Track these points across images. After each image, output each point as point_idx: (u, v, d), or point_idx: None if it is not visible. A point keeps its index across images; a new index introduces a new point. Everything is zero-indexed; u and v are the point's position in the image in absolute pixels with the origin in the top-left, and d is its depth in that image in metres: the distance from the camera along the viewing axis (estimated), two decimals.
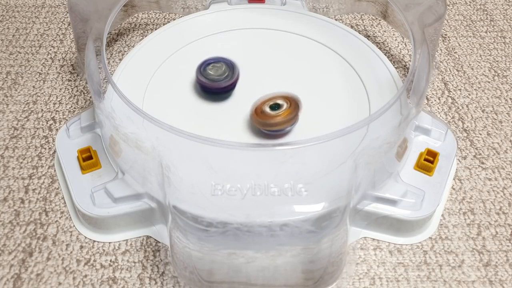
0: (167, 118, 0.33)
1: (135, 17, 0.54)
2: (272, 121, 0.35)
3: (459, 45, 0.51)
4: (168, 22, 0.53)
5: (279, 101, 0.36)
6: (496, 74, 0.48)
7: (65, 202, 0.37)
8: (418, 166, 0.37)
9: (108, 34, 0.44)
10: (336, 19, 0.50)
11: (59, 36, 0.52)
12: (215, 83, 0.38)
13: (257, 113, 0.35)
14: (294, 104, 0.36)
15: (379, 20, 0.54)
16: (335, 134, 0.31)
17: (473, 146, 0.42)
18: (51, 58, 0.49)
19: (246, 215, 0.29)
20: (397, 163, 0.36)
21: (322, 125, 0.37)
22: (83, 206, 0.34)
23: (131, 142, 0.33)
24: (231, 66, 0.39)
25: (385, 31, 0.53)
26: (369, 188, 0.34)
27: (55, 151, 0.40)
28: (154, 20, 0.54)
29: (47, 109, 0.44)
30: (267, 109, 0.35)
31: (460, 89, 0.46)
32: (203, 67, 0.39)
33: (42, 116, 0.43)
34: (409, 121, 0.34)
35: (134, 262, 0.34)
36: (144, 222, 0.35)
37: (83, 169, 0.36)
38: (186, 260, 0.31)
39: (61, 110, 0.44)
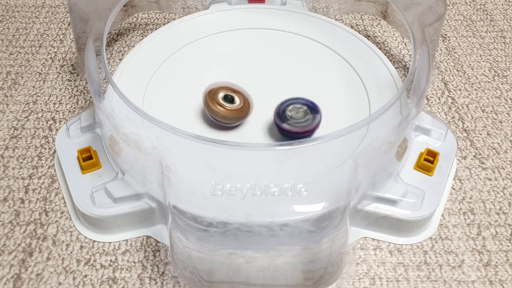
0: (167, 118, 0.33)
1: (135, 17, 0.54)
2: (218, 110, 0.35)
3: (459, 45, 0.51)
4: (168, 22, 0.53)
5: (235, 96, 0.35)
6: (496, 74, 0.48)
7: (65, 202, 0.37)
8: (418, 166, 0.37)
9: (108, 34, 0.44)
10: (336, 19, 0.50)
11: (59, 36, 0.52)
12: (295, 127, 0.35)
13: (211, 95, 0.35)
14: (246, 105, 0.35)
15: (379, 20, 0.54)
16: (335, 134, 0.31)
17: (473, 146, 0.42)
18: (51, 58, 0.49)
19: (246, 215, 0.29)
20: (397, 163, 0.36)
21: (322, 125, 0.37)
22: (83, 206, 0.34)
23: (131, 142, 0.33)
24: (313, 108, 0.36)
25: (385, 31, 0.53)
26: (369, 188, 0.34)
27: (55, 151, 0.40)
28: (154, 20, 0.54)
29: (47, 109, 0.44)
30: (220, 97, 0.35)
31: (460, 89, 0.46)
32: (283, 108, 0.36)
33: (42, 116, 0.44)
34: (409, 121, 0.34)
35: (134, 262, 0.34)
36: (144, 222, 0.35)
37: (83, 169, 0.36)
38: (186, 260, 0.31)
39: (61, 110, 0.44)
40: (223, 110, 0.35)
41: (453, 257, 0.34)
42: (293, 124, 0.35)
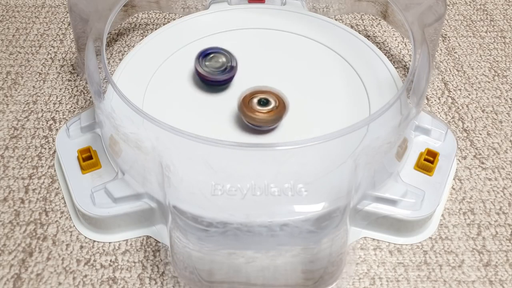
0: (167, 118, 0.33)
1: (135, 17, 0.54)
2: (256, 116, 0.35)
3: (459, 45, 0.51)
4: (168, 22, 0.53)
5: (269, 98, 0.36)
6: (496, 74, 0.48)
7: (65, 202, 0.37)
8: (418, 166, 0.37)
9: (108, 34, 0.44)
10: (336, 19, 0.50)
11: (59, 36, 0.52)
12: (213, 76, 0.39)
13: (245, 103, 0.36)
14: (281, 105, 0.36)
15: (379, 20, 0.54)
16: (335, 134, 0.31)
17: (473, 146, 0.42)
18: (51, 58, 0.49)
19: (246, 215, 0.29)
20: (397, 163, 0.36)
21: (322, 125, 0.37)
22: (83, 206, 0.34)
23: (131, 142, 0.33)
24: (229, 59, 0.39)
25: (385, 31, 0.53)
26: (369, 188, 0.34)
27: (55, 151, 0.40)
28: (154, 20, 0.54)
29: (47, 109, 0.44)
30: (255, 103, 0.36)
31: (460, 89, 0.46)
32: (202, 57, 0.39)
33: (42, 116, 0.44)
34: (409, 121, 0.34)
35: (134, 262, 0.34)
36: (144, 222, 0.35)
37: (83, 169, 0.36)
38: (186, 260, 0.31)
39: (61, 110, 0.44)
40: (261, 115, 0.35)
41: (453, 257, 0.34)
42: (212, 72, 0.39)
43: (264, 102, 0.36)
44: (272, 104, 0.36)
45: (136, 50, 0.43)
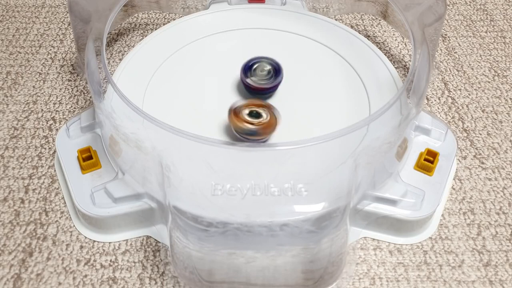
0: (167, 118, 0.33)
1: (135, 17, 0.54)
2: (246, 127, 0.34)
3: (459, 45, 0.51)
4: (168, 22, 0.53)
5: (260, 110, 0.35)
6: (496, 74, 0.48)
7: (65, 202, 0.37)
8: (418, 166, 0.37)
9: (108, 34, 0.44)
10: (336, 19, 0.50)
11: (59, 36, 0.52)
12: (260, 85, 0.38)
13: (236, 113, 0.35)
14: (271, 119, 0.35)
15: (379, 20, 0.54)
16: (335, 134, 0.31)
17: (473, 146, 0.42)
18: (51, 58, 0.49)
19: (246, 215, 0.29)
20: (397, 163, 0.36)
21: (323, 125, 0.37)
22: (83, 206, 0.34)
23: (131, 142, 0.33)
24: (276, 67, 0.39)
25: (385, 31, 0.53)
26: (369, 188, 0.34)
27: (55, 151, 0.40)
28: (154, 20, 0.54)
29: (47, 109, 0.44)
30: (245, 114, 0.35)
31: (460, 89, 0.46)
32: (248, 66, 0.39)
33: (42, 116, 0.44)
34: (409, 121, 0.34)
35: (134, 262, 0.34)
36: (144, 222, 0.35)
37: (83, 169, 0.36)
38: (186, 260, 0.31)
39: (61, 110, 0.44)
40: (250, 125, 0.34)
41: (453, 257, 0.34)
42: (256, 80, 0.38)
43: (255, 115, 0.35)
44: (263, 117, 0.35)
45: (136, 50, 0.43)
